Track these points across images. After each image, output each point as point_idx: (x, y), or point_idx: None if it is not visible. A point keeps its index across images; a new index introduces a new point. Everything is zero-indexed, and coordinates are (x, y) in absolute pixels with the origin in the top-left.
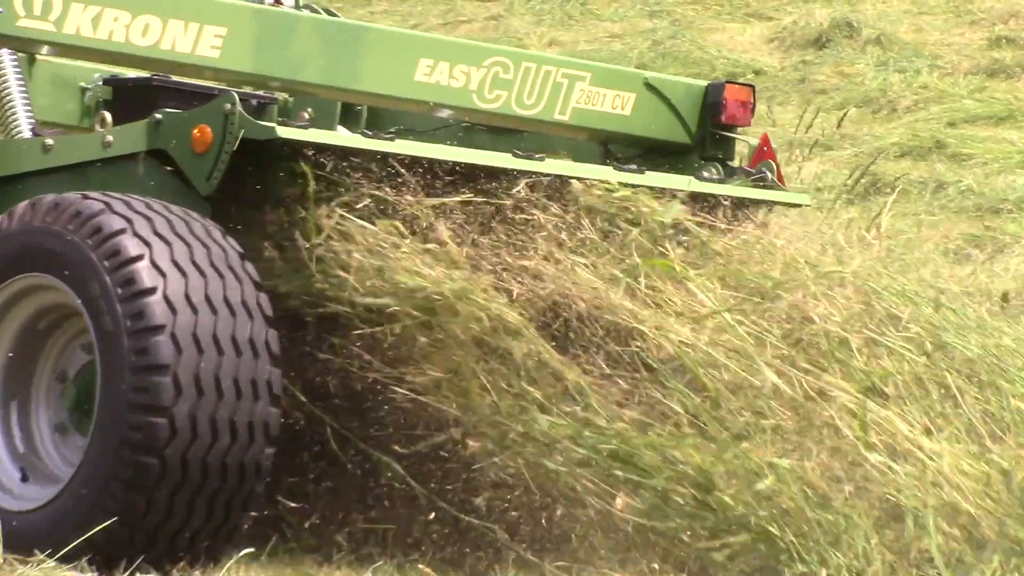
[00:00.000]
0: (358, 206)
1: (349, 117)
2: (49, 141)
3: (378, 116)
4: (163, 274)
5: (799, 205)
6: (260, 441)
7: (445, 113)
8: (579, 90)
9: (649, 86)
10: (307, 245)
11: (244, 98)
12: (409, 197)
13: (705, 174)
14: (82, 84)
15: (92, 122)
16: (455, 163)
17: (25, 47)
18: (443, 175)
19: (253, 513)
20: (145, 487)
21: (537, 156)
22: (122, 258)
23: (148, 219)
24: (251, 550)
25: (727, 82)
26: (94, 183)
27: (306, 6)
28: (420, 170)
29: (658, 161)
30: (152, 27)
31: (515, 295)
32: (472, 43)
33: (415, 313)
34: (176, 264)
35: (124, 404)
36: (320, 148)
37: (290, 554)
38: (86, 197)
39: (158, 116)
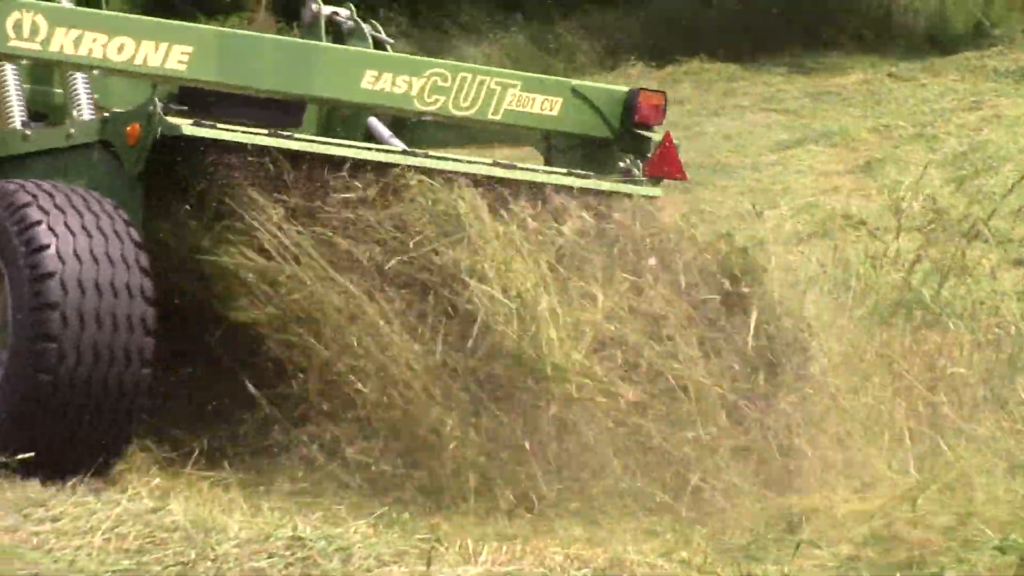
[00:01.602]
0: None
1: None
2: (28, 132)
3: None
4: (56, 235)
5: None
6: (136, 364)
7: (427, 116)
8: (511, 95)
9: (575, 92)
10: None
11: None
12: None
13: (621, 164)
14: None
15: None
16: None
17: (14, 62)
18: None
19: (136, 424)
20: (41, 400)
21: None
22: (26, 223)
23: (50, 195)
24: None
25: (641, 89)
26: (60, 166)
27: (344, 23)
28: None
29: (586, 153)
30: (127, 45)
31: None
32: (413, 57)
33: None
34: (68, 227)
35: (25, 334)
36: (213, 144)
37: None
38: (8, 183)
39: (106, 115)
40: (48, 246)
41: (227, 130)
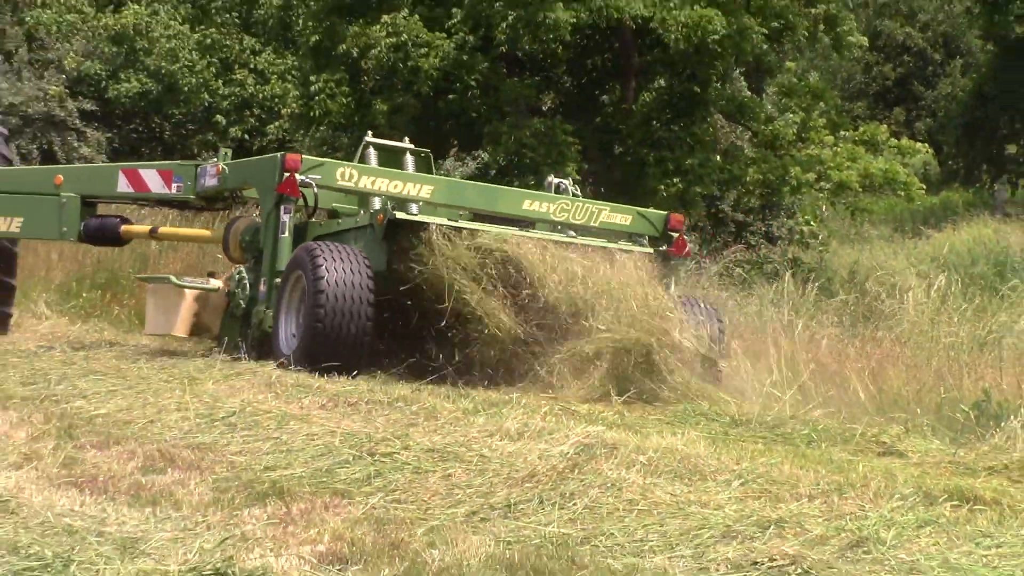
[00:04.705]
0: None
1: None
2: (339, 220)
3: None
4: (327, 262)
5: (626, 250)
6: (364, 318)
7: (560, 224)
8: (604, 214)
9: (639, 213)
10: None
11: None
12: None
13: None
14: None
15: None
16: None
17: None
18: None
19: (366, 343)
20: (316, 324)
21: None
22: (314, 257)
23: (327, 248)
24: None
25: (672, 212)
26: (354, 238)
27: (561, 186)
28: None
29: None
30: (400, 183)
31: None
32: (551, 194)
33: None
34: (332, 259)
35: (313, 293)
36: (416, 224)
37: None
38: (312, 243)
39: (372, 210)
40: (322, 264)
41: (423, 218)
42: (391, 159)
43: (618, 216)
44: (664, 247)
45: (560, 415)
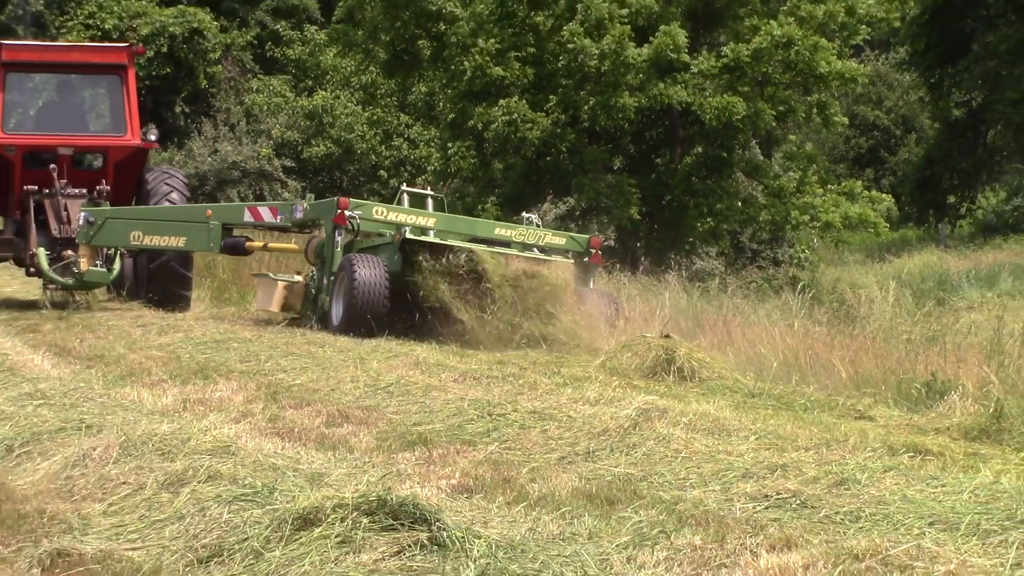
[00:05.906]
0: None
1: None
2: (376, 238)
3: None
4: (359, 266)
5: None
6: (383, 300)
7: (519, 243)
8: (547, 237)
9: (571, 236)
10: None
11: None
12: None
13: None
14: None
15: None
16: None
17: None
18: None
19: (383, 318)
20: (352, 305)
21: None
22: (352, 264)
23: (360, 258)
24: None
25: (592, 235)
26: (382, 250)
27: (532, 223)
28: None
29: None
30: (414, 217)
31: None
32: (513, 223)
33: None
34: (362, 264)
35: (350, 286)
36: (418, 241)
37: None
38: (352, 254)
39: (396, 230)
40: (356, 268)
41: (431, 239)
42: (418, 201)
43: (557, 239)
44: (586, 259)
45: (626, 388)
